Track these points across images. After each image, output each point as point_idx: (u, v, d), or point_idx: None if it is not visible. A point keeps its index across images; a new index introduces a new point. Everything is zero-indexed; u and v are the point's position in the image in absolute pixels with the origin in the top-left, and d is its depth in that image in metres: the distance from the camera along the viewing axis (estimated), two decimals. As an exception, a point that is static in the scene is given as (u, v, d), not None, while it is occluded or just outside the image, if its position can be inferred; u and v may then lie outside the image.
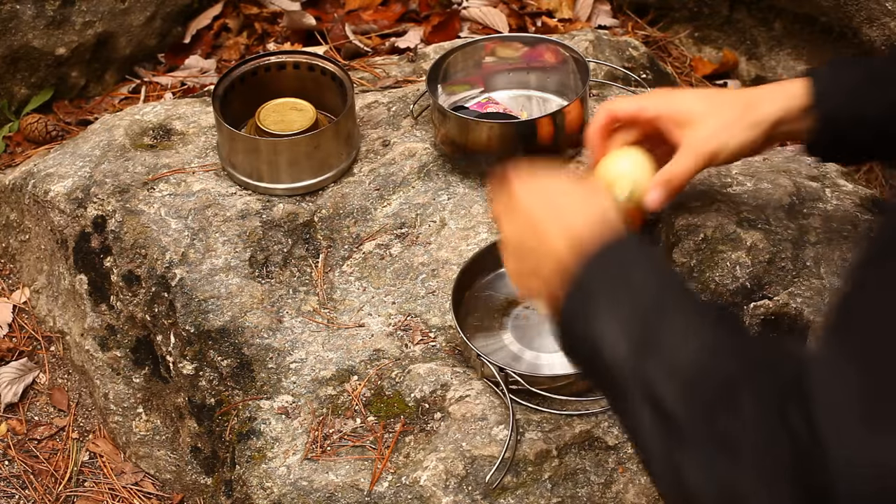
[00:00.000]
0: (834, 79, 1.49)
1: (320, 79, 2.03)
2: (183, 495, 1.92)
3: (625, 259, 1.19)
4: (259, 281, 1.84)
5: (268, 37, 2.65)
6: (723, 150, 1.49)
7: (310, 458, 1.64)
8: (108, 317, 1.93)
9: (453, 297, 1.71)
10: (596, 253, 1.19)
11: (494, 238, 1.84)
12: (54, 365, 2.10)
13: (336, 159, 1.95)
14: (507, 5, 2.66)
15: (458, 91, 2.06)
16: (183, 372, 1.80)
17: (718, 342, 1.09)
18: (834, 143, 1.52)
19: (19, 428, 2.04)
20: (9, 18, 2.36)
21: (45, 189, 2.00)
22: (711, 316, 1.13)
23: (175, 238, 1.88)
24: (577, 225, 1.23)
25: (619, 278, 1.17)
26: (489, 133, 1.89)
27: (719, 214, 1.79)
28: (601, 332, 1.15)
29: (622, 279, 1.17)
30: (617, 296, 1.15)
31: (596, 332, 1.15)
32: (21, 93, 2.47)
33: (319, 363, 1.75)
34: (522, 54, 2.04)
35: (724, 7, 2.55)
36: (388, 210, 1.92)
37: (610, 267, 1.19)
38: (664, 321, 1.11)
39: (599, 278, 1.18)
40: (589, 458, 1.60)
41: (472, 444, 1.60)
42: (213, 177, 1.97)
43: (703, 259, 1.76)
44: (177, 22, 2.62)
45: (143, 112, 2.12)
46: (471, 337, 1.69)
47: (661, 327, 1.11)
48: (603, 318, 1.15)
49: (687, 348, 1.08)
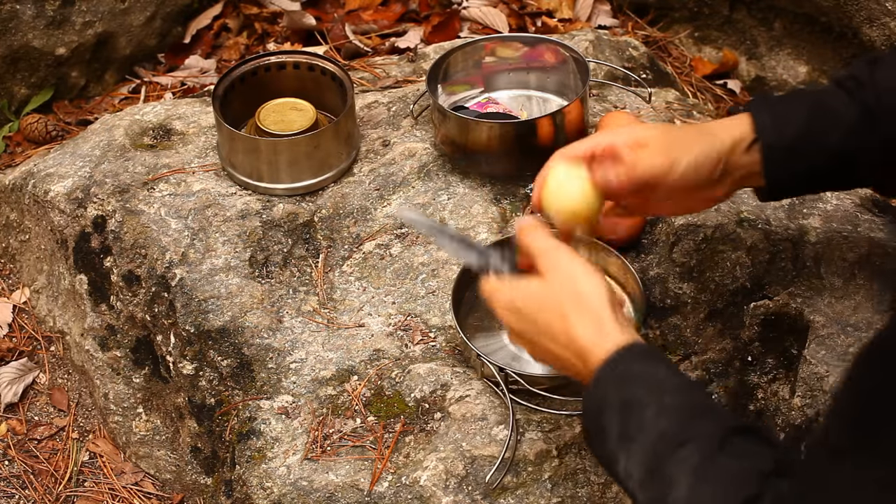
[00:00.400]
0: (776, 112, 1.50)
1: (320, 79, 2.03)
2: (183, 495, 1.92)
3: (629, 377, 1.29)
4: (259, 281, 1.84)
5: (268, 37, 2.65)
6: (677, 162, 1.47)
7: (310, 458, 1.64)
8: (108, 317, 1.93)
9: (453, 297, 1.71)
10: (608, 371, 1.30)
11: (494, 238, 1.84)
12: (54, 365, 2.10)
13: (336, 159, 1.95)
14: (507, 5, 2.66)
15: (458, 91, 2.06)
16: (183, 372, 1.80)
17: (710, 478, 1.17)
18: (784, 174, 1.51)
19: (19, 428, 2.04)
20: (9, 18, 2.36)
21: (45, 189, 2.00)
22: (714, 446, 1.19)
23: (175, 238, 1.88)
24: (578, 336, 1.34)
25: (627, 407, 1.27)
26: (489, 133, 1.88)
27: (719, 214, 1.79)
28: (615, 455, 1.27)
29: (629, 406, 1.26)
30: (628, 426, 1.26)
31: (608, 453, 1.28)
32: (21, 93, 2.47)
33: (319, 363, 1.75)
34: (522, 54, 2.04)
35: (724, 7, 2.55)
36: (388, 210, 1.92)
37: (617, 390, 1.29)
38: (670, 460, 1.20)
39: (610, 400, 1.29)
40: (589, 458, 1.60)
41: (472, 444, 1.60)
42: (213, 177, 1.97)
43: (703, 259, 1.76)
44: (177, 22, 2.62)
45: (143, 112, 2.12)
46: (471, 337, 1.69)
47: (670, 465, 1.20)
48: (614, 443, 1.27)
49: (682, 487, 1.18)
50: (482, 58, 2.04)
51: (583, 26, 2.58)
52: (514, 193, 1.93)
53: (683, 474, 1.18)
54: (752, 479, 1.14)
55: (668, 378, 1.27)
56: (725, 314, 1.73)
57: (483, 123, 1.89)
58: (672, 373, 1.29)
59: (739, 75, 2.56)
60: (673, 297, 1.75)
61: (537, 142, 1.89)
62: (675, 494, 1.18)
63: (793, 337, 1.70)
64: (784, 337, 1.71)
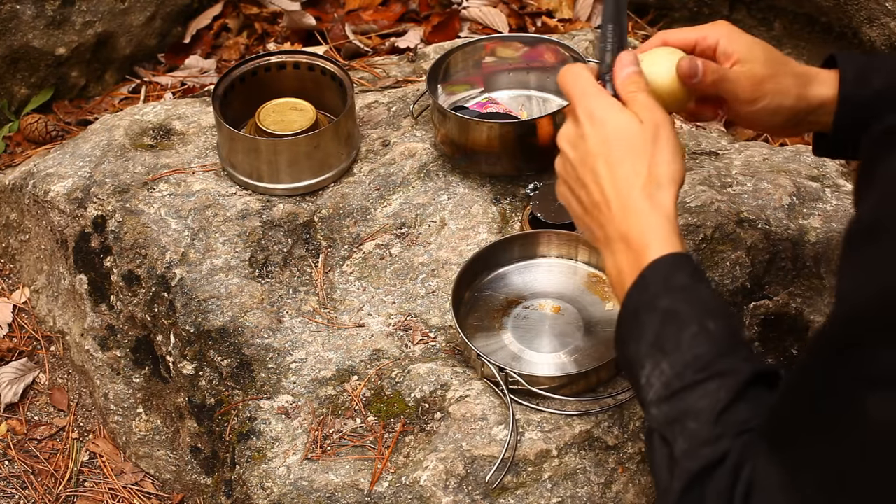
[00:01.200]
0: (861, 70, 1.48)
1: (320, 79, 2.03)
2: (183, 495, 1.92)
3: (677, 288, 1.26)
4: (259, 281, 1.84)
5: (268, 37, 2.65)
6: (760, 100, 1.47)
7: (310, 458, 1.64)
8: (108, 317, 1.93)
9: (453, 296, 1.71)
10: (657, 274, 1.27)
11: (494, 238, 1.84)
12: (54, 365, 2.10)
13: (336, 159, 1.95)
14: (507, 5, 2.66)
15: (458, 91, 2.06)
16: (183, 372, 1.80)
17: (728, 419, 1.17)
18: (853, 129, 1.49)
19: (19, 428, 2.04)
20: (9, 18, 2.35)
21: (45, 189, 2.00)
22: (738, 388, 1.18)
23: (175, 238, 1.88)
24: (636, 211, 1.30)
25: (669, 317, 1.25)
26: (489, 133, 1.88)
27: (719, 214, 1.79)
28: (641, 360, 1.26)
29: (672, 318, 1.24)
30: (665, 339, 1.24)
31: (635, 355, 1.27)
32: (21, 93, 2.47)
33: (319, 363, 1.75)
34: (522, 54, 2.04)
35: (724, 7, 2.55)
36: (388, 210, 1.92)
37: (662, 296, 1.26)
38: (695, 389, 1.20)
39: (653, 304, 1.26)
40: (589, 458, 1.60)
41: (472, 444, 1.60)
42: (213, 177, 1.97)
43: (703, 259, 1.76)
44: (177, 22, 2.62)
45: (143, 112, 2.12)
46: (471, 337, 1.69)
47: (691, 393, 1.20)
48: (645, 348, 1.25)
49: (703, 420, 1.17)
50: (482, 58, 2.04)
51: (583, 26, 2.58)
52: (514, 193, 1.93)
53: (705, 409, 1.17)
54: (745, 441, 1.14)
55: (712, 301, 1.25)
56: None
57: (483, 123, 1.89)
58: (715, 296, 1.27)
59: (739, 75, 2.55)
60: (673, 297, 1.75)
61: (537, 142, 1.89)
62: (691, 424, 1.17)
63: (793, 337, 1.70)
64: (784, 337, 1.71)
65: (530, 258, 1.81)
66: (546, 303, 1.76)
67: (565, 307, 1.75)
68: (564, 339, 1.71)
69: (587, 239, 1.41)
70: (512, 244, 1.80)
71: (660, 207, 1.30)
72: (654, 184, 1.31)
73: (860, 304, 1.00)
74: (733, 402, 1.17)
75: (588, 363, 1.66)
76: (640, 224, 1.30)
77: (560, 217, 1.82)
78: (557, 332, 1.72)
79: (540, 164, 1.91)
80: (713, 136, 2.07)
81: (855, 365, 0.99)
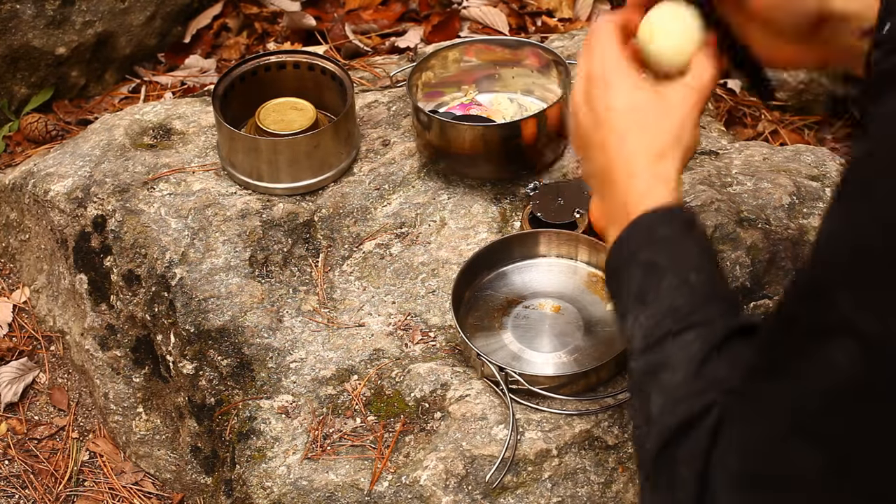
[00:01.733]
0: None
1: (320, 78, 2.03)
2: (183, 495, 1.92)
3: (660, 240, 1.25)
4: (259, 280, 1.84)
5: (268, 36, 2.65)
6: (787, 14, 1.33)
7: (310, 458, 1.64)
8: (108, 316, 1.93)
9: (454, 296, 1.71)
10: (640, 229, 1.27)
11: (494, 237, 1.84)
12: (54, 364, 2.10)
13: (336, 159, 1.95)
14: (507, 5, 2.66)
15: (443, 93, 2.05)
16: (183, 371, 1.80)
17: (707, 373, 1.15)
18: None
19: (19, 427, 2.04)
20: (9, 18, 2.35)
21: (45, 189, 2.00)
22: (715, 340, 1.17)
23: (175, 238, 1.88)
24: (637, 180, 1.30)
25: (650, 269, 1.23)
26: (470, 135, 1.88)
27: (719, 214, 1.79)
28: (626, 311, 1.25)
29: (653, 269, 1.23)
30: (646, 290, 1.22)
31: (622, 306, 1.26)
32: (21, 92, 2.47)
33: (319, 363, 1.75)
34: (505, 57, 2.03)
35: (724, 7, 2.54)
36: (388, 210, 1.92)
37: (645, 249, 1.25)
38: (672, 339, 1.18)
39: (636, 256, 1.26)
40: (589, 458, 1.60)
41: (472, 444, 1.60)
42: (213, 176, 1.97)
43: (703, 259, 1.76)
44: (177, 21, 2.62)
45: (143, 112, 2.12)
46: (471, 336, 1.69)
47: (667, 344, 1.18)
48: (630, 300, 1.24)
49: (679, 373, 1.16)
50: (465, 60, 2.04)
51: (583, 26, 2.58)
52: (514, 193, 1.93)
53: (680, 361, 1.16)
54: (726, 400, 1.12)
55: (695, 253, 1.24)
56: (725, 314, 1.73)
57: (462, 126, 1.89)
58: (701, 249, 1.26)
59: (739, 75, 2.55)
60: (673, 297, 1.75)
61: (519, 144, 1.88)
62: (665, 376, 1.16)
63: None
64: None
65: (530, 258, 1.81)
66: (546, 302, 1.76)
67: (565, 307, 1.75)
68: (564, 338, 1.71)
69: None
70: (512, 244, 1.80)
71: (661, 176, 1.30)
72: (659, 156, 1.30)
73: (829, 253, 1.00)
74: (711, 355, 1.15)
75: (588, 363, 1.66)
76: (640, 192, 1.29)
77: (560, 217, 1.82)
78: (557, 332, 1.72)
79: (522, 166, 1.91)
80: (713, 135, 2.07)
81: (820, 312, 0.99)
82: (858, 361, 0.95)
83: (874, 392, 0.95)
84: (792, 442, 1.00)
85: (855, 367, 0.95)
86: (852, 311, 0.95)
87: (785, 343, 1.03)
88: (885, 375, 0.94)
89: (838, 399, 0.97)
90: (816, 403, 0.98)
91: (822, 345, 0.97)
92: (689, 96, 1.34)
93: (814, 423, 0.99)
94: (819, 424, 0.98)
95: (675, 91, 1.34)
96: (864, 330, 0.94)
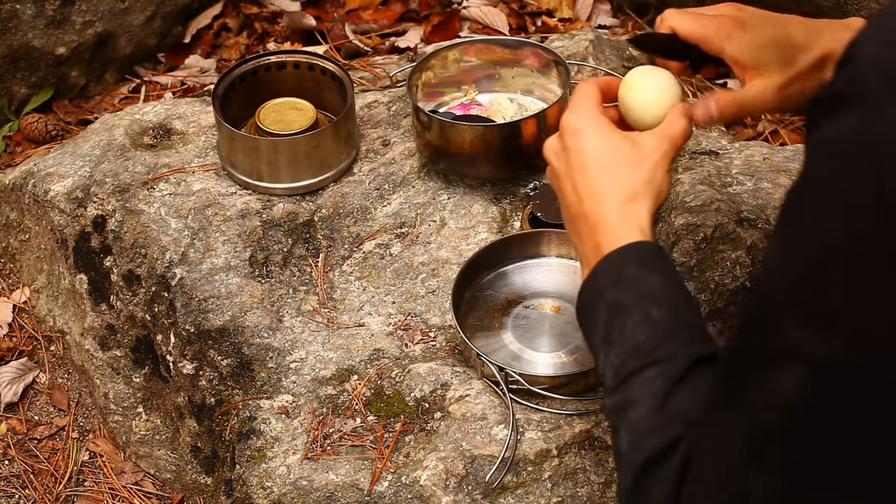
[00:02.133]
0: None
1: (320, 78, 2.03)
2: (183, 495, 1.92)
3: (625, 279, 1.28)
4: (259, 280, 1.84)
5: (268, 36, 2.65)
6: (790, 101, 1.42)
7: (310, 458, 1.64)
8: (108, 316, 1.93)
9: (454, 296, 1.71)
10: (608, 268, 1.30)
11: (494, 237, 1.84)
12: (54, 364, 2.10)
13: (336, 159, 1.95)
14: (507, 5, 2.66)
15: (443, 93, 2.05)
16: (183, 371, 1.80)
17: (671, 408, 1.17)
18: None
19: (19, 427, 2.04)
20: (9, 18, 2.35)
21: (45, 189, 2.00)
22: (677, 374, 1.18)
23: (175, 238, 1.88)
24: (609, 224, 1.33)
25: (615, 308, 1.26)
26: (470, 135, 1.88)
27: (719, 214, 1.79)
28: (597, 352, 1.29)
29: (617, 309, 1.26)
30: (612, 330, 1.26)
31: (593, 346, 1.30)
32: (21, 92, 2.47)
33: (319, 363, 1.75)
34: (505, 57, 2.03)
35: (724, 7, 2.54)
36: (388, 209, 1.92)
37: (611, 289, 1.28)
38: (635, 377, 1.20)
39: (603, 296, 1.29)
40: (589, 458, 1.60)
41: (472, 444, 1.60)
42: (213, 176, 1.97)
43: (703, 259, 1.76)
44: (177, 21, 2.62)
45: (143, 112, 2.12)
46: (471, 336, 1.69)
47: (631, 382, 1.20)
48: (599, 341, 1.28)
49: (642, 409, 1.18)
50: (465, 60, 2.04)
51: (583, 26, 2.58)
52: (514, 193, 1.93)
53: (643, 398, 1.18)
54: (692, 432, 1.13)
55: (658, 288, 1.26)
56: (725, 314, 1.73)
57: (462, 126, 1.89)
58: (666, 279, 1.27)
59: (739, 75, 2.55)
60: (673, 297, 1.75)
61: (519, 144, 1.88)
62: (631, 414, 1.18)
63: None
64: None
65: (530, 258, 1.81)
66: (546, 302, 1.76)
67: (565, 307, 1.75)
68: (564, 338, 1.71)
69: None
70: (512, 244, 1.80)
71: (633, 218, 1.32)
72: (630, 198, 1.33)
73: (771, 281, 1.01)
74: (674, 389, 1.16)
75: (588, 362, 1.66)
76: (611, 232, 1.32)
77: (560, 217, 1.82)
78: (557, 332, 1.71)
79: (523, 166, 1.91)
80: (713, 135, 2.07)
81: (767, 339, 0.99)
82: (807, 385, 0.95)
83: (824, 414, 0.96)
84: (749, 471, 1.01)
85: (803, 391, 0.96)
86: (797, 335, 0.96)
87: (738, 372, 1.04)
88: (833, 396, 0.95)
89: (789, 425, 0.98)
90: (768, 431, 0.99)
91: (769, 372, 0.99)
92: (661, 144, 1.38)
93: (768, 451, 0.99)
94: (772, 452, 0.99)
95: (647, 138, 1.38)
96: (809, 352, 0.95)
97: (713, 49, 1.45)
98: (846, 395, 0.94)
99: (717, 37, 1.44)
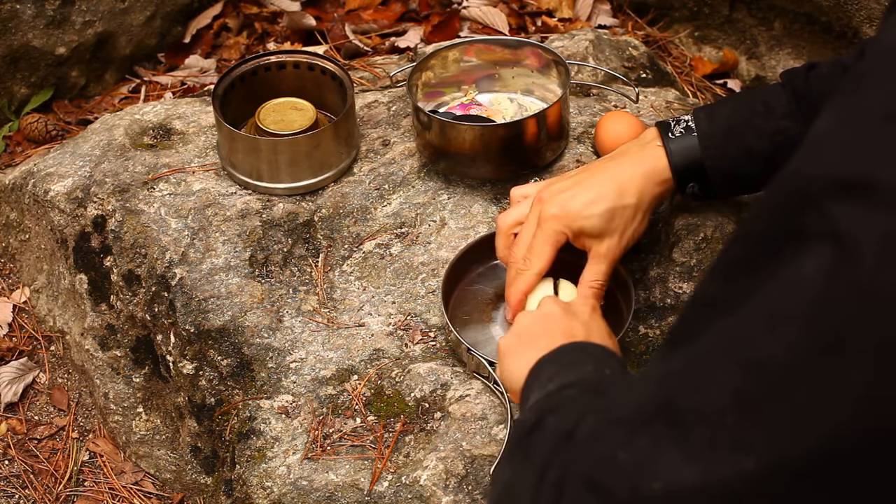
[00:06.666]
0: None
1: (320, 78, 2.03)
2: (183, 495, 1.93)
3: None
4: (259, 280, 1.84)
5: (268, 36, 2.65)
6: (628, 246, 1.64)
7: (310, 458, 1.64)
8: (108, 316, 1.93)
9: (443, 290, 1.71)
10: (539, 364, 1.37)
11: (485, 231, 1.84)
12: (54, 364, 2.10)
13: (336, 159, 1.95)
14: (507, 5, 2.66)
15: (443, 93, 2.05)
16: (183, 371, 1.80)
17: None
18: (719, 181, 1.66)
19: (19, 427, 2.04)
20: (9, 18, 2.36)
21: (45, 189, 2.00)
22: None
23: (175, 238, 1.88)
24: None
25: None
26: (470, 135, 1.88)
27: (719, 214, 1.79)
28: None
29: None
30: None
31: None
32: (21, 92, 2.47)
33: (319, 363, 1.75)
34: (505, 57, 2.03)
35: (724, 7, 2.55)
36: (388, 210, 1.92)
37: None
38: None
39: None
40: (589, 458, 1.60)
41: (472, 444, 1.60)
42: (213, 176, 1.97)
43: (703, 259, 1.76)
44: (177, 21, 2.62)
45: (143, 112, 2.12)
46: (460, 330, 1.69)
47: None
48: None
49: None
50: (465, 60, 2.04)
51: (583, 26, 2.58)
52: (514, 193, 1.93)
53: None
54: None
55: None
56: (725, 314, 1.73)
57: (462, 126, 1.89)
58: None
59: (739, 75, 2.56)
60: (673, 297, 1.75)
61: (519, 144, 1.88)
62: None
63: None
64: None
65: None
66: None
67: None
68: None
69: None
70: None
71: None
72: (569, 335, 1.44)
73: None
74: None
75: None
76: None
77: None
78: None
79: (522, 165, 1.91)
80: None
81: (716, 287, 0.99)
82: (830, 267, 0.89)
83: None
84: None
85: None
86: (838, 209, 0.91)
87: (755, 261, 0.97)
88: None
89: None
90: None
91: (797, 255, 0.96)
92: (586, 303, 1.56)
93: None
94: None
95: (574, 303, 1.56)
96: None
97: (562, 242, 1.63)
98: None
99: (556, 234, 1.63)
